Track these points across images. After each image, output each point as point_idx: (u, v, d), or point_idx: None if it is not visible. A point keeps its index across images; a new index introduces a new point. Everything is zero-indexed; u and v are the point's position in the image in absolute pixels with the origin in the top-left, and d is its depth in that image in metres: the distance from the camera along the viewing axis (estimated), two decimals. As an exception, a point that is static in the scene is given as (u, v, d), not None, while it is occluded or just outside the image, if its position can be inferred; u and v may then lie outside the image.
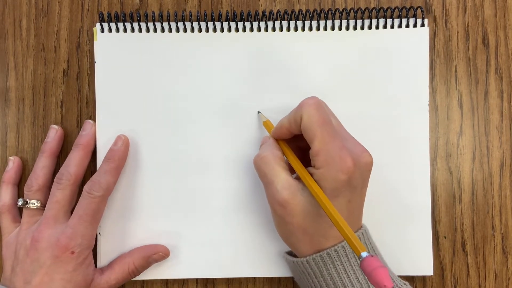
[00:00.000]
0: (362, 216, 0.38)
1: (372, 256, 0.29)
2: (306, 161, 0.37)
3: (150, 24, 0.42)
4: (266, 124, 0.41)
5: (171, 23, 0.42)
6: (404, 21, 0.42)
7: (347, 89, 0.42)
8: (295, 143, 0.39)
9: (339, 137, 0.35)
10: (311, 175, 0.35)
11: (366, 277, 0.35)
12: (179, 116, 0.42)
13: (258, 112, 0.42)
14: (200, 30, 0.42)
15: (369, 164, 0.36)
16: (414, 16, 0.43)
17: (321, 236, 0.35)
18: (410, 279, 0.43)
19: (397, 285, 0.36)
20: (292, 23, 0.42)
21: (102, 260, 0.42)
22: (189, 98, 0.42)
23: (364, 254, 0.30)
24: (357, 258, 0.35)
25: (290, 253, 0.40)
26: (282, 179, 0.35)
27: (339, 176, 0.34)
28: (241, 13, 0.43)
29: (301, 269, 0.37)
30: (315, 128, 0.35)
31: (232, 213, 0.42)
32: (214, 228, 0.42)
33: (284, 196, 0.35)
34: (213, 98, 0.42)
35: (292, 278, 0.43)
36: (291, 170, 0.37)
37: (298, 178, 0.36)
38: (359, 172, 0.35)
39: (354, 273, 0.35)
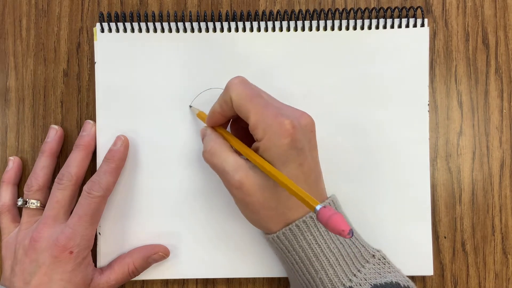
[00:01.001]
0: (324, 185, 0.38)
1: (325, 206, 0.29)
2: (252, 140, 0.37)
3: (150, 24, 0.42)
4: (200, 115, 0.41)
5: (171, 23, 0.42)
6: (404, 21, 0.42)
7: (347, 89, 0.42)
8: (236, 125, 0.39)
9: (272, 106, 0.35)
10: (256, 149, 0.35)
11: (338, 245, 0.36)
12: (179, 116, 0.42)
13: (190, 106, 0.42)
14: (200, 30, 0.42)
15: (310, 124, 0.36)
16: (414, 16, 0.43)
17: (285, 208, 0.36)
18: (410, 279, 0.43)
19: (367, 250, 0.37)
20: (292, 23, 0.42)
21: (102, 260, 0.42)
22: (189, 98, 0.42)
23: (318, 207, 0.30)
24: (324, 229, 0.35)
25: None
26: (232, 163, 0.35)
27: (281, 141, 0.34)
28: (241, 13, 0.43)
29: (275, 246, 0.38)
30: (247, 103, 0.35)
31: (232, 213, 0.42)
32: (214, 228, 0.42)
33: (237, 177, 0.35)
34: (213, 97, 0.42)
35: (292, 278, 0.43)
36: (238, 153, 0.37)
37: (247, 159, 0.37)
38: (302, 133, 0.35)
39: (325, 243, 0.35)
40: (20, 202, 0.41)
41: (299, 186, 0.32)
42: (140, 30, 0.42)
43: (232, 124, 0.40)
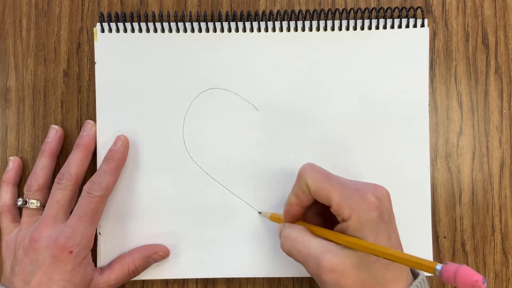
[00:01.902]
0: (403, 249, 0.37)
1: (446, 264, 0.28)
2: (327, 227, 0.36)
3: (150, 24, 0.42)
4: (273, 217, 0.40)
5: (171, 23, 0.42)
6: (404, 21, 0.42)
7: (347, 89, 0.42)
8: (312, 215, 0.38)
9: (349, 183, 0.35)
10: (345, 229, 0.34)
11: None
12: (179, 116, 0.42)
13: (259, 213, 0.42)
14: (200, 30, 0.42)
15: (388, 196, 0.35)
16: (414, 16, 0.43)
17: (382, 286, 0.34)
18: (410, 279, 0.43)
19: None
20: (292, 23, 0.42)
21: (102, 260, 0.42)
22: (189, 98, 0.42)
23: (438, 266, 0.28)
24: None
25: None
26: (318, 246, 0.34)
27: (370, 215, 0.33)
28: (241, 13, 0.43)
29: None
30: (325, 185, 0.34)
31: (232, 213, 0.42)
32: (214, 228, 0.42)
33: (330, 259, 0.33)
34: (213, 98, 0.42)
35: (292, 278, 0.43)
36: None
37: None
38: (384, 205, 0.34)
39: None
40: (20, 202, 0.41)
41: None
42: (140, 30, 0.42)
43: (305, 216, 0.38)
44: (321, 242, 0.34)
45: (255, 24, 0.42)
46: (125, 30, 0.42)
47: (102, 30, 0.42)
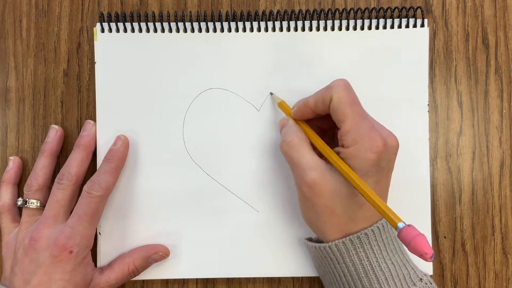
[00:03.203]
0: (387, 200, 0.38)
1: (409, 225, 0.30)
2: (326, 142, 0.37)
3: (150, 24, 0.42)
4: (281, 105, 0.41)
5: (171, 23, 0.42)
6: (404, 21, 0.42)
7: (347, 89, 0.42)
8: (315, 123, 0.39)
9: (368, 119, 0.35)
10: (338, 154, 0.35)
11: (389, 265, 0.35)
12: (179, 116, 0.42)
13: (271, 93, 0.42)
14: (200, 30, 0.42)
15: (396, 147, 0.36)
16: (414, 16, 0.43)
17: (349, 219, 0.35)
18: (410, 279, 0.43)
19: (416, 273, 0.36)
20: (292, 23, 0.42)
21: (102, 260, 0.42)
22: (189, 98, 0.42)
23: (401, 224, 0.30)
24: (383, 244, 0.35)
25: (310, 239, 0.40)
26: (309, 160, 0.35)
27: (369, 155, 0.34)
28: (241, 13, 0.43)
29: (323, 255, 0.37)
30: (346, 108, 0.35)
31: (232, 213, 0.42)
32: (214, 228, 0.42)
33: (312, 176, 0.35)
34: (213, 98, 0.42)
35: (292, 278, 0.43)
36: (316, 152, 0.37)
37: (324, 159, 0.36)
38: (387, 153, 0.35)
39: (377, 261, 0.35)
40: (20, 202, 0.41)
41: None
42: (140, 30, 0.42)
43: (309, 121, 0.39)
44: (314, 158, 0.36)
45: (255, 24, 0.42)
46: (125, 30, 0.42)
47: (102, 30, 0.42)
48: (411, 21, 0.42)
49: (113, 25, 0.42)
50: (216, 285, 0.43)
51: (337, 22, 0.42)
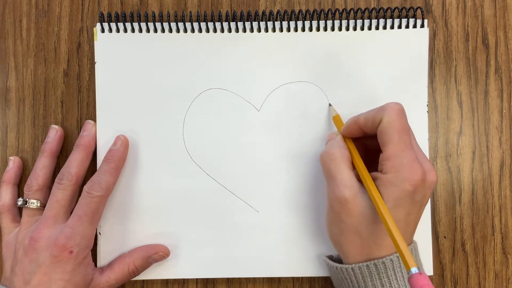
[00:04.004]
0: (415, 232, 0.38)
1: (420, 273, 0.30)
2: (369, 163, 0.37)
3: (150, 24, 0.42)
4: (336, 119, 0.41)
5: (171, 23, 0.42)
6: (404, 21, 0.42)
7: (347, 90, 0.42)
8: (361, 141, 0.39)
9: (413, 149, 0.35)
10: (376, 179, 0.35)
11: None
12: (179, 116, 0.42)
13: (330, 105, 0.42)
14: (200, 30, 0.42)
15: (434, 183, 0.36)
16: (414, 16, 0.43)
17: (373, 243, 0.35)
18: (410, 279, 0.43)
19: None
20: (292, 23, 0.42)
21: (102, 260, 0.42)
22: (189, 98, 0.42)
23: (414, 269, 0.30)
24: (405, 272, 0.35)
25: (330, 257, 0.40)
26: (345, 177, 0.35)
27: (406, 186, 0.34)
28: (241, 13, 0.43)
29: (344, 276, 0.37)
30: (393, 133, 0.34)
31: (232, 213, 0.42)
32: (214, 228, 0.42)
33: (345, 194, 0.35)
34: (213, 98, 0.42)
35: (292, 278, 0.43)
36: (355, 172, 0.37)
37: (360, 180, 0.36)
38: (423, 187, 0.35)
39: None
40: (20, 202, 0.41)
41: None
42: (140, 30, 0.42)
43: (358, 138, 0.39)
44: (350, 176, 0.36)
45: (255, 24, 0.42)
46: (125, 30, 0.42)
47: (102, 30, 0.42)
48: (411, 21, 0.42)
49: (113, 25, 0.42)
50: (216, 285, 0.43)
51: (337, 22, 0.42)
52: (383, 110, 0.35)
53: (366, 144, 0.39)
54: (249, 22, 0.42)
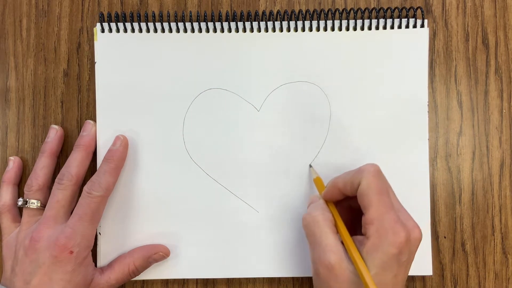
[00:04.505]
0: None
1: None
2: (354, 223, 0.37)
3: (150, 24, 0.42)
4: (317, 181, 0.41)
5: (171, 23, 0.42)
6: (404, 21, 0.42)
7: (347, 90, 0.42)
8: (346, 201, 0.38)
9: (394, 209, 0.35)
10: (360, 244, 0.35)
11: None
12: (179, 116, 0.42)
13: (310, 166, 0.42)
14: (200, 30, 0.42)
15: (418, 240, 0.35)
16: (414, 16, 0.43)
17: None
18: (410, 279, 0.43)
19: None
20: (292, 23, 0.42)
21: (102, 260, 0.42)
22: (189, 98, 0.42)
23: None
24: None
25: None
26: (331, 242, 0.35)
27: (390, 250, 0.33)
28: (241, 13, 0.43)
29: None
30: (373, 196, 0.34)
31: (232, 213, 0.42)
32: (214, 228, 0.42)
33: (331, 259, 0.34)
34: (213, 98, 0.42)
35: (292, 278, 0.43)
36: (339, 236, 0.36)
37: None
38: (408, 248, 0.34)
39: None
40: (20, 202, 0.41)
41: None
42: (140, 30, 0.42)
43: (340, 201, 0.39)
44: (335, 241, 0.35)
45: (255, 24, 0.42)
46: (125, 30, 0.42)
47: (102, 30, 0.42)
48: (411, 21, 0.42)
49: (113, 25, 0.42)
50: (216, 285, 0.43)
51: (337, 22, 0.42)
52: (360, 173, 0.35)
53: (350, 204, 0.38)
54: (249, 22, 0.42)
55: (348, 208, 0.39)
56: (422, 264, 0.42)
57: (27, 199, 0.40)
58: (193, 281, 0.43)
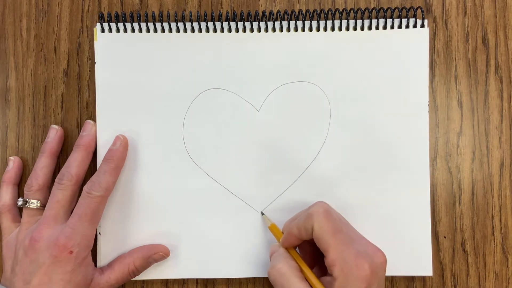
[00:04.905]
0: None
1: None
2: (317, 260, 0.37)
3: (150, 24, 0.42)
4: (272, 229, 0.40)
5: (171, 23, 0.42)
6: (404, 21, 0.42)
7: (347, 90, 0.42)
8: (309, 242, 0.38)
9: (353, 243, 0.35)
10: (330, 284, 0.35)
11: None
12: (178, 116, 0.42)
13: (262, 213, 0.42)
14: (200, 30, 0.42)
15: (384, 263, 0.35)
16: (414, 16, 0.43)
17: None
18: (410, 279, 0.43)
19: None
20: (292, 23, 0.42)
21: (102, 260, 0.42)
22: (189, 98, 0.42)
23: None
24: None
25: None
26: None
27: (359, 285, 0.33)
28: (241, 13, 0.43)
29: None
30: (328, 238, 0.35)
31: (232, 213, 0.42)
32: (214, 228, 0.42)
33: None
34: (213, 98, 0.42)
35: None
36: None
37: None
38: (376, 276, 0.34)
39: None
40: (20, 202, 0.41)
41: None
42: (140, 30, 0.42)
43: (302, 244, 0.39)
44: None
45: (255, 24, 0.42)
46: (125, 30, 0.42)
47: (102, 30, 0.42)
48: (411, 21, 0.42)
49: (113, 25, 0.42)
50: (216, 285, 0.43)
51: (337, 22, 0.42)
52: (311, 217, 0.36)
53: (313, 243, 0.38)
54: (249, 22, 0.42)
55: (311, 247, 0.39)
56: (422, 264, 0.42)
57: (27, 199, 0.40)
58: (193, 281, 0.43)
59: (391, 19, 0.42)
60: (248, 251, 0.42)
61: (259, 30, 0.42)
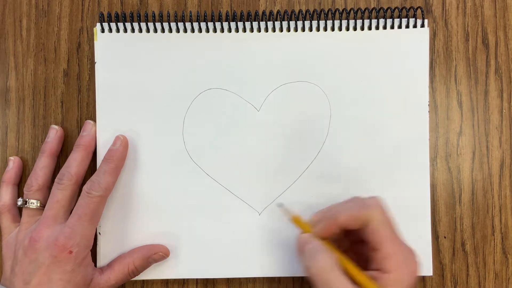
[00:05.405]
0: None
1: None
2: (352, 254, 0.36)
3: (150, 24, 0.42)
4: (297, 220, 0.37)
5: (171, 23, 0.42)
6: (404, 21, 0.42)
7: (347, 90, 0.42)
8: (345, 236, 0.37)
9: (402, 240, 0.35)
10: (377, 280, 0.33)
11: None
12: (178, 116, 0.42)
13: (281, 205, 0.41)
14: (200, 30, 0.42)
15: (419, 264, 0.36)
16: (414, 16, 0.43)
17: None
18: (410, 279, 0.43)
19: None
20: (292, 23, 0.42)
21: (102, 260, 0.42)
22: (189, 98, 0.42)
23: None
24: None
25: None
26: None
27: (411, 280, 0.34)
28: (241, 13, 0.43)
29: None
30: (386, 230, 0.34)
31: (232, 213, 0.42)
32: (214, 228, 0.42)
33: None
34: (213, 98, 0.42)
35: (292, 278, 0.43)
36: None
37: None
38: (418, 273, 0.35)
39: None
40: (20, 202, 0.41)
41: None
42: (140, 30, 0.42)
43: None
44: (353, 286, 0.33)
45: (255, 24, 0.42)
46: (125, 30, 0.42)
47: (102, 30, 0.42)
48: (411, 21, 0.42)
49: (113, 25, 0.42)
50: (216, 285, 0.43)
51: (337, 22, 0.42)
52: (367, 208, 0.34)
53: (350, 238, 0.37)
54: (249, 22, 0.42)
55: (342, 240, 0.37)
56: (422, 264, 0.42)
57: (27, 199, 0.40)
58: (193, 281, 0.43)
59: (391, 19, 0.42)
60: (248, 251, 0.42)
61: (259, 30, 0.42)
